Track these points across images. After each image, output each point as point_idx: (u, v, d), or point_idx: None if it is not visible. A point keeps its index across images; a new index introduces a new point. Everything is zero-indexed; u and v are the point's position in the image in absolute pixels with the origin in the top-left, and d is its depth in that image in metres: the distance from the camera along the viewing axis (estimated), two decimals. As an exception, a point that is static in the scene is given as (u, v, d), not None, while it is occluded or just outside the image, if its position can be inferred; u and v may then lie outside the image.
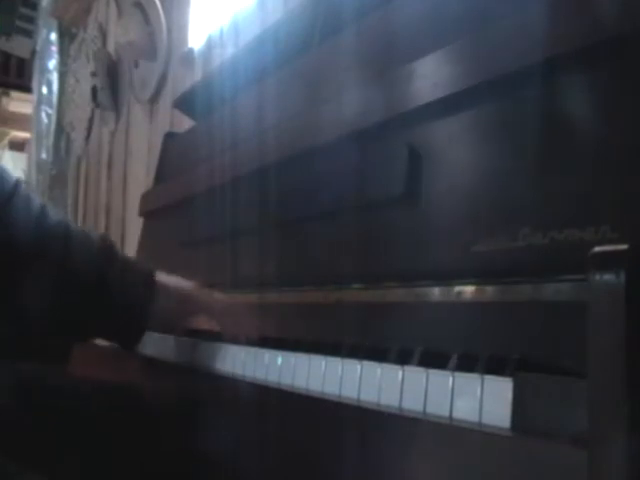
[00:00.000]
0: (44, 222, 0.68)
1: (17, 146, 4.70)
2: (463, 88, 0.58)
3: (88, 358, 0.96)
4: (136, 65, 2.25)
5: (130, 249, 1.97)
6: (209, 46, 1.74)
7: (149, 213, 1.31)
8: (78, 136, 2.99)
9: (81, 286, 0.69)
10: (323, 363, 0.53)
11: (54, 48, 3.27)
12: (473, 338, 0.51)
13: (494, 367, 0.41)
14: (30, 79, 3.64)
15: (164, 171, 1.32)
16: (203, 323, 0.78)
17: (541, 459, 0.34)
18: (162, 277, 0.75)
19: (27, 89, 3.76)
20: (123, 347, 0.77)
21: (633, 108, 0.46)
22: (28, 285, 0.65)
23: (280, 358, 0.58)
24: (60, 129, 3.23)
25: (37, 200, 0.70)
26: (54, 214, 0.70)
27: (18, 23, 3.68)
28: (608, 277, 0.32)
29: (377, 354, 0.50)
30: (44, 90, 3.33)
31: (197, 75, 1.75)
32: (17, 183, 0.68)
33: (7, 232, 0.66)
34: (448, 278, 0.56)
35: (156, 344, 0.82)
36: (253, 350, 0.63)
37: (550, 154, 0.51)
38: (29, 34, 3.71)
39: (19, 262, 0.66)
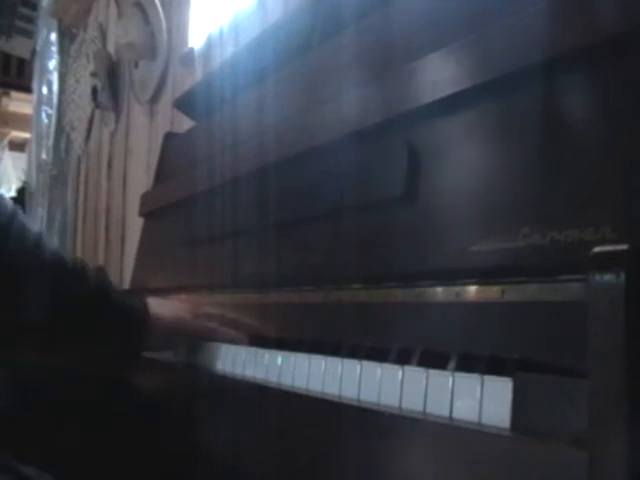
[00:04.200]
0: (39, 254, 0.68)
1: (17, 146, 4.70)
2: (463, 88, 0.58)
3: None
4: (136, 65, 2.25)
5: (130, 249, 1.97)
6: (209, 46, 1.74)
7: (149, 213, 1.31)
8: (78, 136, 2.99)
9: (76, 314, 0.69)
10: (323, 363, 0.53)
11: (54, 48, 3.27)
12: (473, 338, 0.51)
13: (494, 367, 0.41)
14: (30, 79, 3.64)
15: (164, 171, 1.32)
16: None
17: (541, 459, 0.34)
18: (154, 305, 0.75)
19: (27, 89, 3.77)
20: (119, 372, 0.77)
21: (633, 108, 0.46)
22: (23, 314, 0.65)
23: (280, 358, 0.58)
24: (60, 129, 3.23)
25: (33, 229, 0.69)
26: (50, 244, 0.70)
27: (18, 23, 3.68)
28: (608, 277, 0.32)
29: (377, 354, 0.50)
30: (44, 90, 3.33)
31: (197, 75, 1.75)
32: (14, 213, 0.67)
33: (2, 263, 0.65)
34: (448, 278, 0.56)
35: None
36: (253, 350, 0.63)
37: (550, 154, 0.51)
38: (29, 34, 3.71)
39: (13, 292, 0.66)
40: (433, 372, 0.43)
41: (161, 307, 0.76)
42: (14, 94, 4.25)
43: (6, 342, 0.67)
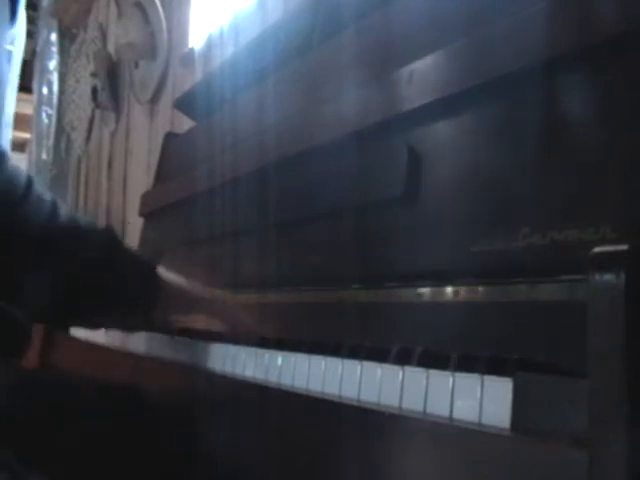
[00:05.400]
0: (54, 224, 0.69)
1: (17, 146, 4.70)
2: (462, 89, 0.58)
3: (88, 358, 0.96)
4: (136, 65, 2.25)
5: (130, 249, 1.95)
6: (209, 46, 1.74)
7: (149, 213, 1.31)
8: (78, 136, 2.99)
9: (89, 278, 0.70)
10: (323, 363, 0.53)
11: (54, 49, 3.27)
12: (473, 338, 0.51)
13: (494, 367, 0.41)
14: (30, 79, 3.63)
15: (164, 171, 1.32)
16: (202, 322, 0.78)
17: (541, 459, 0.34)
18: (163, 271, 0.76)
19: (27, 89, 3.76)
20: (129, 331, 0.78)
21: (633, 108, 0.46)
22: (38, 281, 0.67)
23: (280, 358, 0.58)
24: (60, 129, 3.23)
25: (47, 198, 0.70)
26: (64, 210, 0.71)
27: (18, 23, 3.67)
28: (608, 277, 0.32)
29: (377, 354, 0.50)
30: (44, 90, 3.33)
31: (197, 75, 1.75)
32: (28, 185, 0.68)
33: (18, 238, 0.66)
34: (448, 278, 0.56)
35: (156, 344, 0.82)
36: (253, 350, 0.63)
37: (550, 154, 0.51)
38: (29, 34, 3.71)
39: (29, 261, 0.67)
40: (433, 372, 0.43)
41: (168, 271, 0.77)
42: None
43: (23, 303, 0.68)
